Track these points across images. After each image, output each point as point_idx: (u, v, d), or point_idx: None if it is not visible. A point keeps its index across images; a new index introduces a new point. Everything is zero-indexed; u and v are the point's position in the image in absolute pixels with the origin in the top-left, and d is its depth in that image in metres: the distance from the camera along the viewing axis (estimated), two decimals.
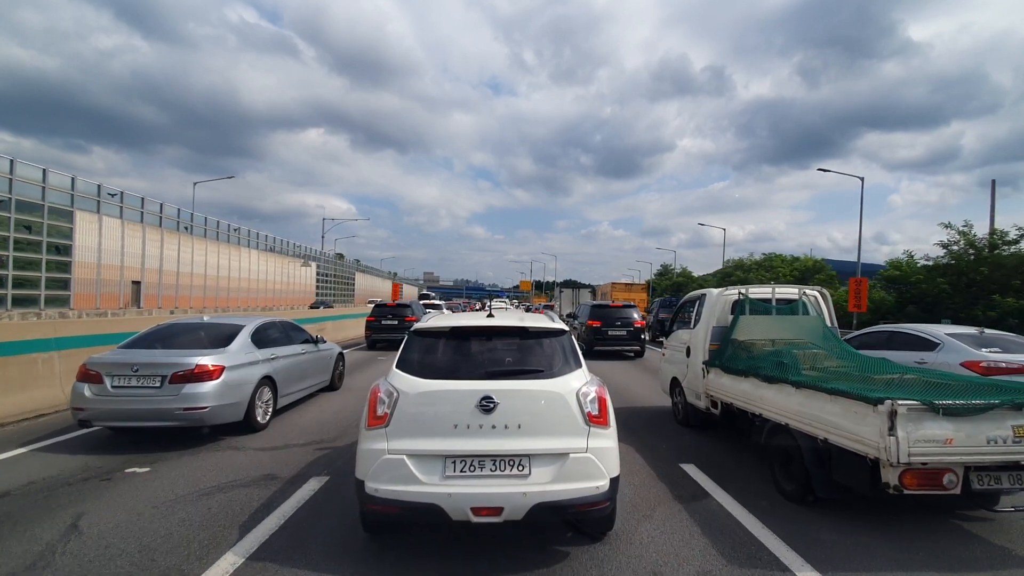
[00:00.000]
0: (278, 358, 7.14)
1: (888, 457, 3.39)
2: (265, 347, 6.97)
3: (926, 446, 3.38)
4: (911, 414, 3.42)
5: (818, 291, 6.60)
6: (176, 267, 36.05)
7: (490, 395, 3.28)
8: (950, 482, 3.42)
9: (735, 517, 4.10)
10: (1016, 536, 3.90)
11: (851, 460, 3.82)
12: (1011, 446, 3.44)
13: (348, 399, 8.70)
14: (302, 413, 7.65)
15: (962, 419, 3.44)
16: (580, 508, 3.21)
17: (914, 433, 3.39)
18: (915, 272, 24.76)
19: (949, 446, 3.40)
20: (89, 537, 3.65)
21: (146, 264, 32.92)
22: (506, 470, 3.20)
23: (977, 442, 3.42)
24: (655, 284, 65.97)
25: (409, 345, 3.81)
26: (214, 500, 4.34)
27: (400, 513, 3.19)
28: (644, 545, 3.61)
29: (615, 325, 15.58)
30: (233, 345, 6.43)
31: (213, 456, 5.58)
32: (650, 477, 5.06)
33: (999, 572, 3.37)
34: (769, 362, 5.20)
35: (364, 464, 3.27)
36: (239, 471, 5.09)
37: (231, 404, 6.05)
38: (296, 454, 5.66)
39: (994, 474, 3.52)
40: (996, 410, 3.46)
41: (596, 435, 3.32)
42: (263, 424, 6.62)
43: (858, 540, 3.74)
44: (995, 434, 3.44)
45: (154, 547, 3.51)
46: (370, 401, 3.42)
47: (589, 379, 3.56)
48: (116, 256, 30.62)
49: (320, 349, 8.73)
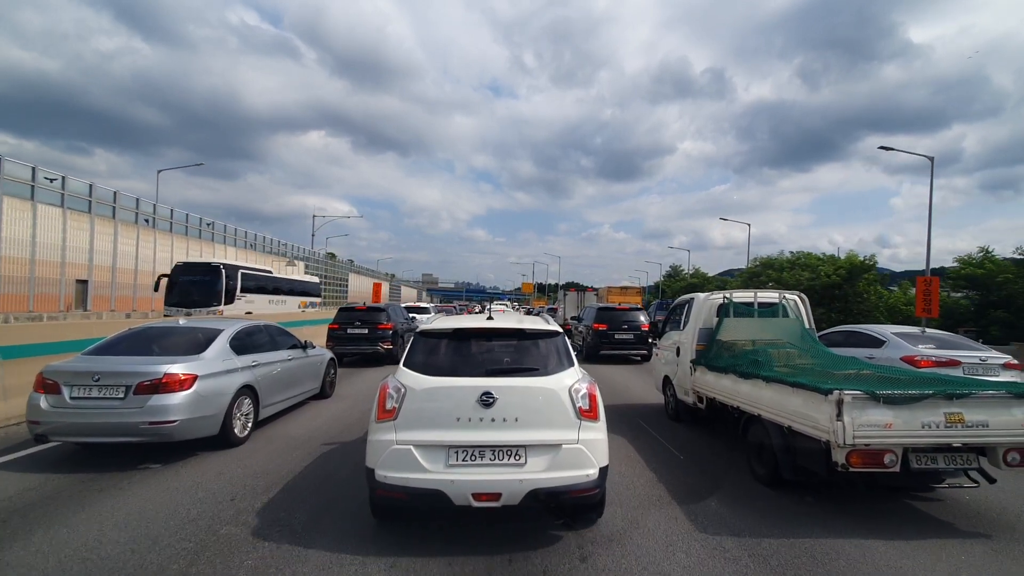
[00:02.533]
0: (260, 365, 6.64)
1: (836, 439, 3.92)
2: (246, 353, 6.48)
3: (869, 430, 3.92)
4: (856, 402, 3.95)
5: (797, 295, 7.12)
6: (134, 264, 31.29)
7: (490, 391, 3.58)
8: (890, 461, 3.94)
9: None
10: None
11: (810, 445, 4.35)
12: (943, 430, 3.97)
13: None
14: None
15: (900, 407, 3.96)
16: (572, 494, 3.51)
17: (858, 419, 3.92)
18: (1003, 270, 21.93)
19: (889, 430, 3.93)
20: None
21: (95, 260, 28.30)
22: (504, 459, 3.51)
23: (913, 427, 3.95)
24: (664, 286, 63.34)
25: (415, 345, 4.15)
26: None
27: (407, 498, 3.48)
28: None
29: (622, 328, 15.41)
30: (209, 351, 5.90)
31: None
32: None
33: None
34: (746, 360, 5.75)
35: (374, 453, 3.58)
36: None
37: (204, 417, 5.48)
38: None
39: (930, 455, 4.04)
40: (930, 399, 3.98)
41: (587, 428, 3.64)
42: (242, 438, 6.05)
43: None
44: (929, 420, 3.96)
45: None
46: (380, 396, 3.74)
47: (581, 377, 3.90)
48: (56, 250, 26.07)
49: (309, 355, 8.28)
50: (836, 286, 30.29)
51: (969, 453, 4.07)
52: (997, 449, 4.02)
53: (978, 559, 3.61)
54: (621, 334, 15.38)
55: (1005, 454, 4.01)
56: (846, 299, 30.12)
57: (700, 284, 54.02)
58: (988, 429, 3.99)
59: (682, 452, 6.07)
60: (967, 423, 3.97)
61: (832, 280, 30.42)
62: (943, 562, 3.54)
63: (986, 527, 4.16)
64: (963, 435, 3.97)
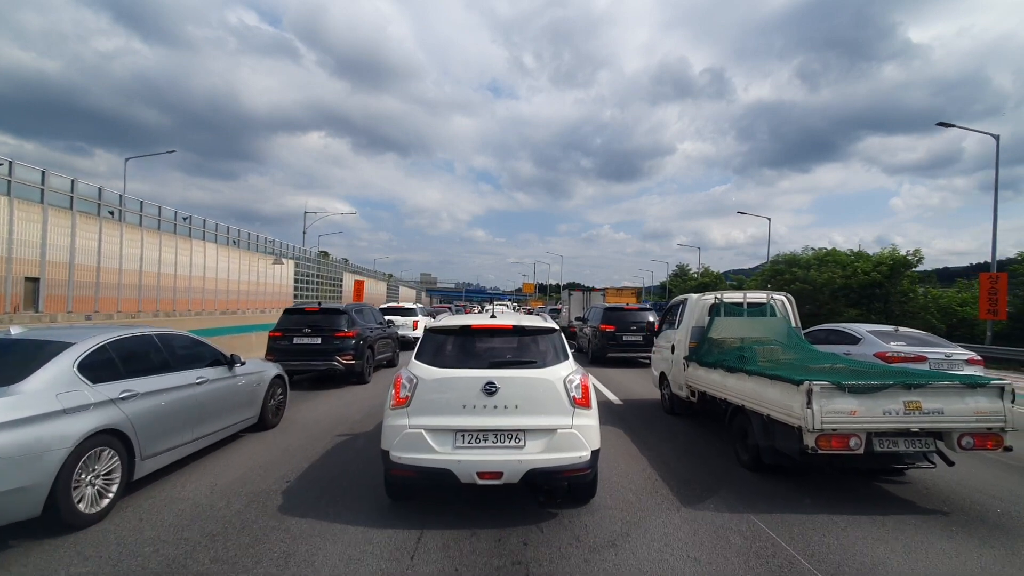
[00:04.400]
0: (139, 396, 4.54)
1: (807, 425, 4.39)
2: (113, 379, 4.42)
3: (835, 416, 4.38)
4: (824, 392, 4.42)
5: (784, 296, 7.59)
6: (96, 261, 27.96)
7: (493, 381, 3.98)
8: (855, 444, 4.41)
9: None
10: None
11: (786, 431, 4.82)
12: (903, 417, 4.43)
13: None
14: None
15: (864, 396, 4.43)
16: (566, 474, 3.89)
17: (826, 406, 4.39)
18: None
19: (854, 416, 4.40)
20: None
21: (49, 256, 25.22)
22: (505, 442, 3.91)
23: (875, 414, 4.41)
24: (672, 286, 60.81)
25: (425, 340, 4.52)
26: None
27: (418, 477, 3.89)
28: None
29: (630, 330, 14.58)
30: (31, 381, 3.83)
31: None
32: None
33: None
34: (733, 356, 6.22)
35: (389, 437, 3.97)
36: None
37: (8, 493, 3.41)
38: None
39: (892, 439, 4.50)
40: (891, 389, 4.45)
41: (580, 414, 4.04)
42: (90, 515, 3.92)
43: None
44: (890, 407, 4.43)
45: None
46: (395, 386, 4.14)
47: (574, 369, 4.30)
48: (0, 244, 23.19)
49: (238, 374, 6.13)
50: (876, 284, 27.50)
51: (927, 437, 4.53)
52: (952, 434, 4.48)
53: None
54: (630, 335, 14.59)
55: (959, 438, 4.47)
56: (887, 299, 27.42)
57: (711, 283, 51.24)
58: (943, 416, 4.45)
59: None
60: (924, 410, 4.43)
61: (872, 278, 27.49)
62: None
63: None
64: (920, 421, 4.44)
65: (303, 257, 54.26)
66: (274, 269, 46.37)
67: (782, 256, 38.30)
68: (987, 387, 4.51)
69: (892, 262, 27.60)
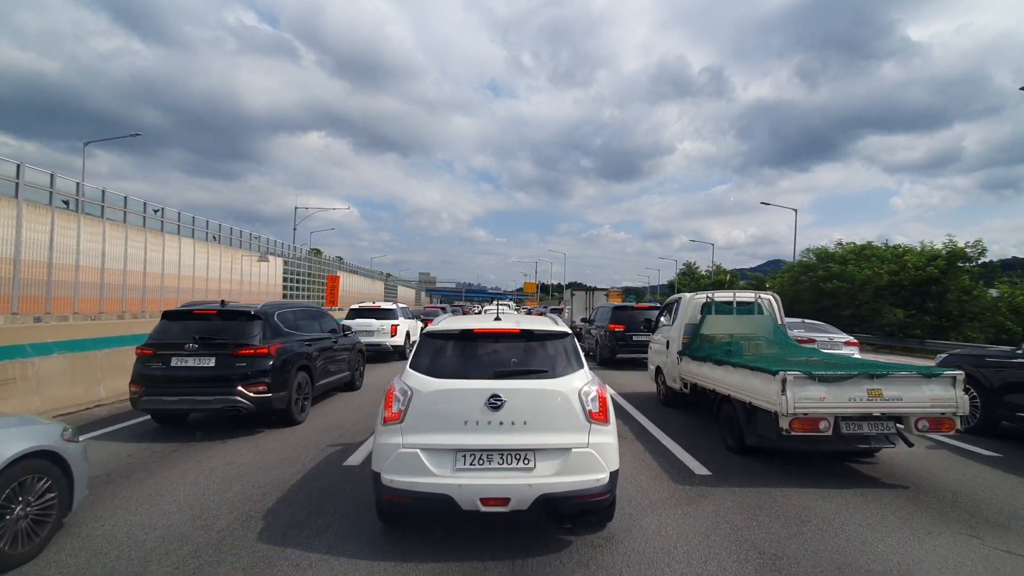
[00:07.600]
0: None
1: (782, 410, 4.99)
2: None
3: (807, 402, 4.98)
4: (797, 381, 5.01)
5: (771, 295, 8.19)
6: (47, 256, 25.19)
7: (498, 393, 3.49)
8: (824, 427, 5.00)
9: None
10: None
11: (765, 417, 5.42)
12: (866, 403, 5.04)
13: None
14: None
15: (832, 384, 5.03)
16: (581, 499, 3.40)
17: (799, 393, 4.99)
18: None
19: (823, 402, 5.00)
20: None
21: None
22: (513, 463, 3.42)
23: (842, 400, 5.02)
24: (680, 285, 57.94)
25: (421, 346, 4.01)
26: None
27: (414, 503, 3.39)
28: None
29: (640, 330, 13.31)
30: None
31: None
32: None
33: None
34: (721, 350, 6.83)
35: (380, 457, 3.48)
36: None
37: None
38: None
39: (857, 422, 5.10)
40: (856, 378, 5.05)
41: (597, 431, 3.54)
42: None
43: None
44: (855, 394, 5.03)
45: None
46: (386, 399, 3.63)
47: (590, 379, 3.79)
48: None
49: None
50: (932, 281, 23.75)
51: (888, 421, 5.12)
52: (910, 418, 5.08)
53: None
54: (640, 335, 13.40)
55: (916, 422, 5.07)
56: (941, 298, 23.86)
57: (725, 283, 46.59)
58: (902, 402, 5.05)
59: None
60: (885, 397, 5.03)
61: (928, 274, 23.81)
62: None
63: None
64: (881, 406, 5.04)
65: (293, 255, 49.50)
66: (260, 267, 41.90)
67: (814, 249, 33.98)
68: (941, 377, 5.11)
69: (950, 256, 23.78)
